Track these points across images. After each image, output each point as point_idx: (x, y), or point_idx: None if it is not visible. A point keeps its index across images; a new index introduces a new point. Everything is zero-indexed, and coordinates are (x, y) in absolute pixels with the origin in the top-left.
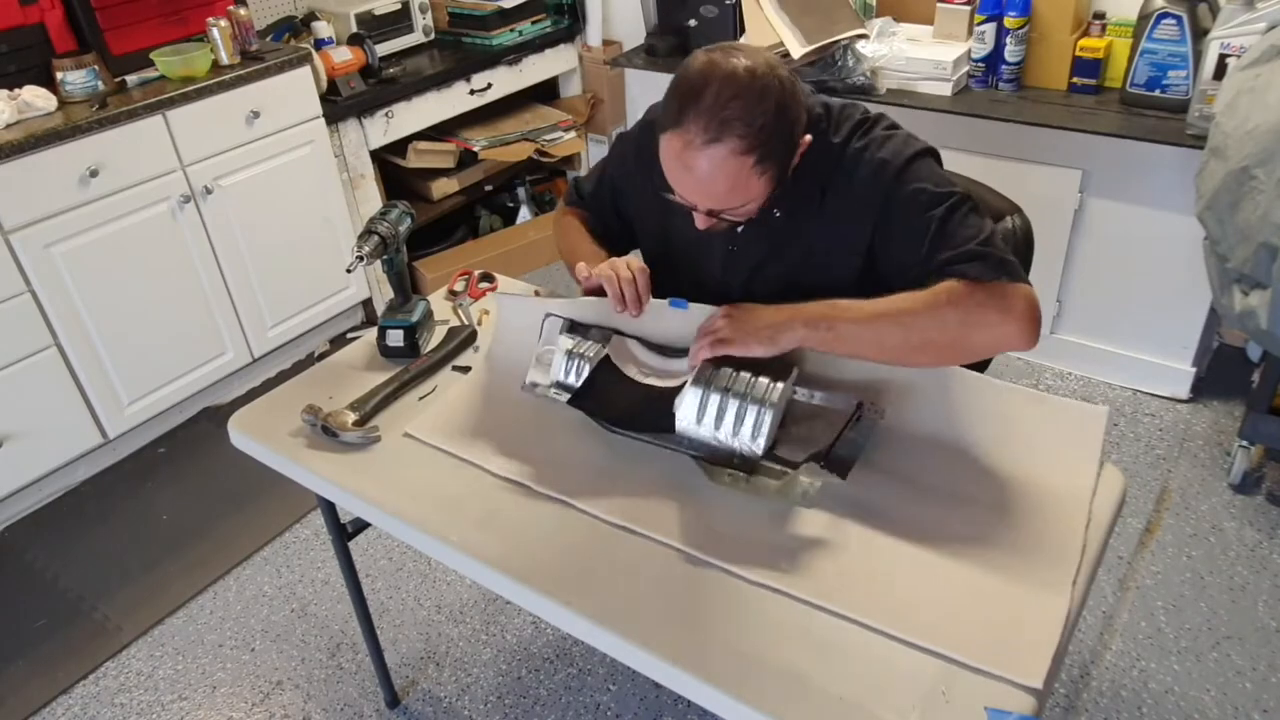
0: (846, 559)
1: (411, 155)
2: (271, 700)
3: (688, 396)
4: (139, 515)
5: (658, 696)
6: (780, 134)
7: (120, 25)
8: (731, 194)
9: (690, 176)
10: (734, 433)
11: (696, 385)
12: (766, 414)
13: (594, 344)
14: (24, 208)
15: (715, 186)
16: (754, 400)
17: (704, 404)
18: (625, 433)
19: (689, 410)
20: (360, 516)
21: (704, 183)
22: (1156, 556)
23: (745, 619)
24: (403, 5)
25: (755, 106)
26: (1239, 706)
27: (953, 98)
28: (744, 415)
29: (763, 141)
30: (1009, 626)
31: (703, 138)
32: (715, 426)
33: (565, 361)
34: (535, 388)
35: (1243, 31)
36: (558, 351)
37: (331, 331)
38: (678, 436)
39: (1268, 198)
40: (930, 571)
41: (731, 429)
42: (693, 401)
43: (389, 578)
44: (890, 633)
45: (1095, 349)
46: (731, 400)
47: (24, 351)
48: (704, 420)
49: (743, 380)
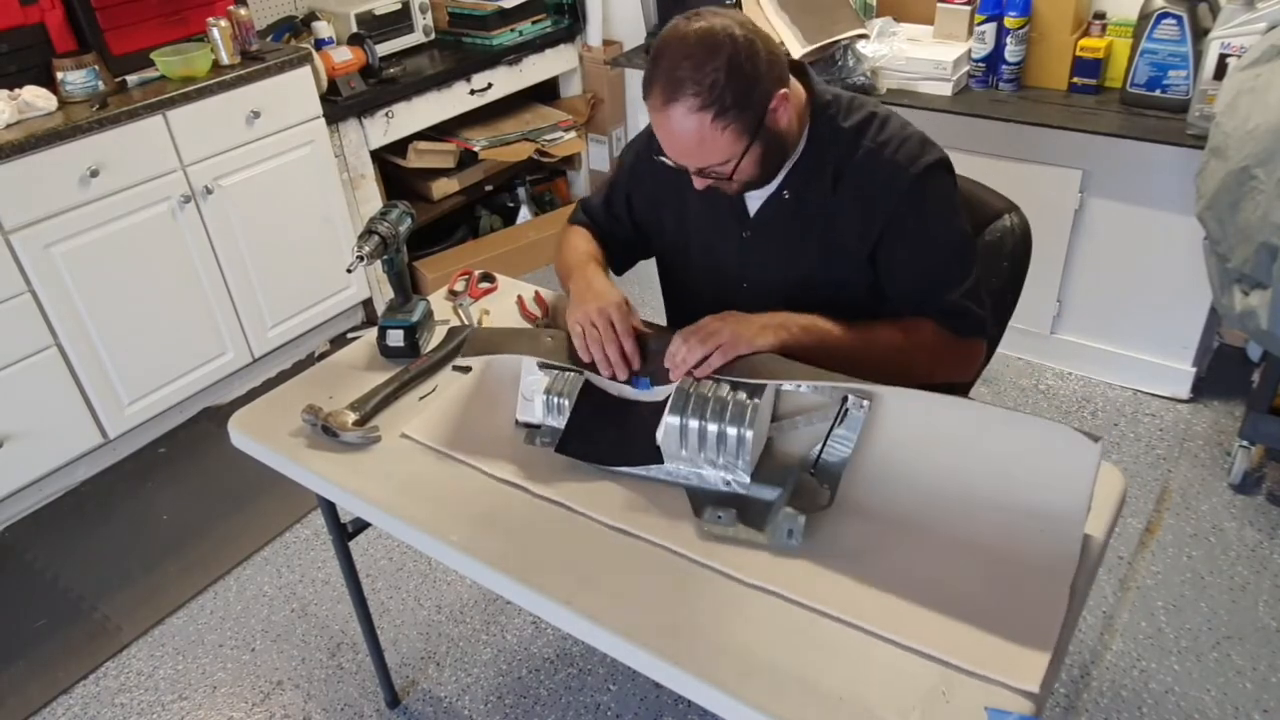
0: (844, 563)
1: (412, 155)
2: (272, 700)
3: (666, 421)
4: (139, 515)
5: (658, 696)
6: (735, 89)
7: (120, 25)
8: (701, 149)
9: (665, 138)
10: (717, 456)
11: (673, 413)
12: (747, 434)
13: (572, 376)
14: (24, 208)
15: (685, 143)
16: (731, 423)
17: (684, 430)
18: (618, 470)
19: (671, 443)
20: (360, 516)
21: (676, 141)
22: (1156, 556)
23: (746, 619)
24: (403, 5)
25: (705, 65)
26: (1239, 706)
27: (953, 98)
28: (725, 438)
29: (716, 97)
30: (1005, 630)
31: (661, 99)
32: (698, 450)
33: (544, 400)
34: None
35: (1243, 31)
36: (537, 391)
37: (331, 331)
38: (669, 469)
39: (1268, 198)
40: (926, 575)
41: (716, 450)
42: (674, 434)
43: (389, 578)
44: (888, 636)
45: (1095, 349)
46: (710, 425)
47: (24, 351)
48: (687, 445)
49: (720, 400)
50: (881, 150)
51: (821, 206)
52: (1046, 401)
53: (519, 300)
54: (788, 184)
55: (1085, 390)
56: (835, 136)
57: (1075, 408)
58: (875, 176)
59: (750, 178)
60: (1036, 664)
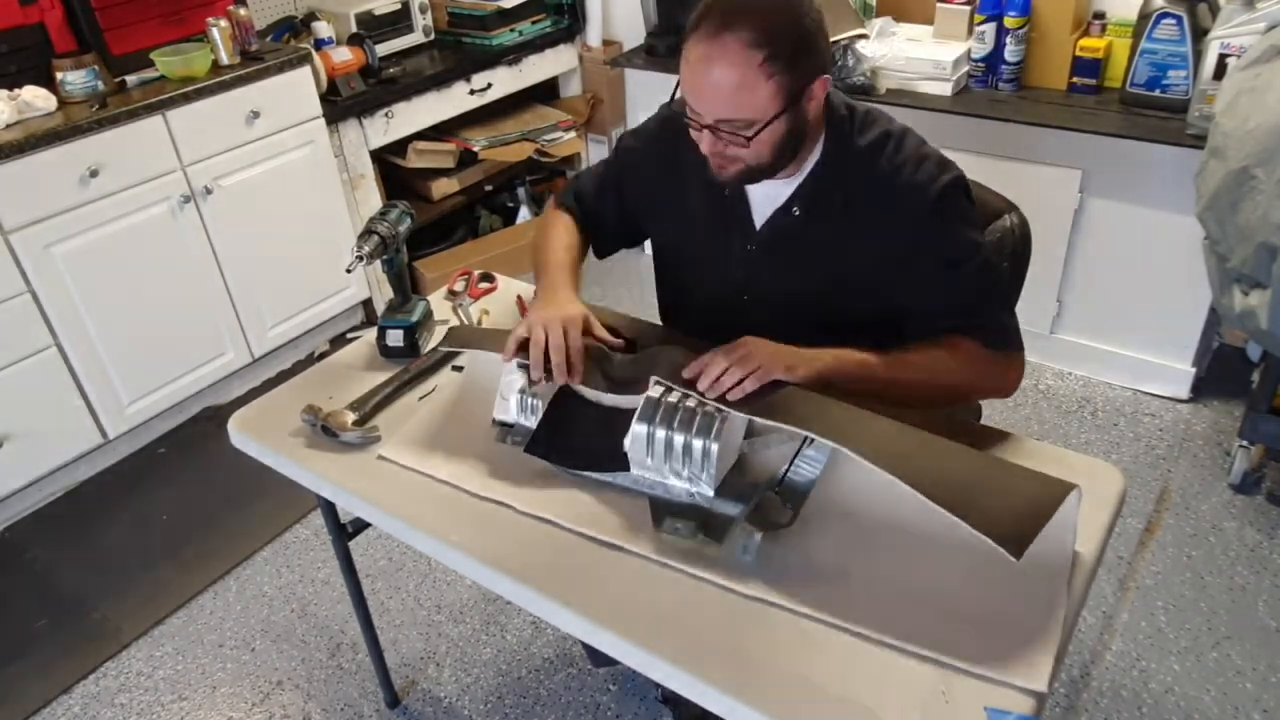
0: (840, 569)
1: (411, 155)
2: (271, 700)
3: (634, 436)
4: (139, 515)
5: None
6: (793, 43)
7: (120, 25)
8: (736, 96)
9: (699, 75)
10: (683, 467)
11: (641, 421)
12: (712, 446)
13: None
14: (24, 208)
15: (722, 83)
16: (698, 435)
17: (651, 442)
18: (585, 474)
19: (639, 451)
20: (360, 516)
21: (713, 80)
22: (1156, 556)
23: (745, 619)
24: (403, 5)
25: (774, 7)
26: (1239, 706)
27: (953, 98)
28: (690, 452)
29: (773, 39)
30: (1007, 630)
31: (716, 25)
32: (664, 459)
33: (518, 399)
34: (501, 427)
35: (1243, 31)
36: (512, 390)
37: (331, 331)
38: (634, 476)
39: (1268, 198)
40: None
41: (681, 461)
42: (641, 442)
43: (389, 578)
44: (890, 642)
45: (1095, 349)
46: (677, 435)
47: (24, 351)
48: (654, 457)
49: (689, 411)
50: (899, 173)
51: (833, 229)
52: (1046, 401)
53: (519, 300)
54: (798, 200)
55: (1085, 390)
56: (849, 156)
57: (1075, 408)
58: (894, 201)
59: (759, 159)
60: (1042, 663)
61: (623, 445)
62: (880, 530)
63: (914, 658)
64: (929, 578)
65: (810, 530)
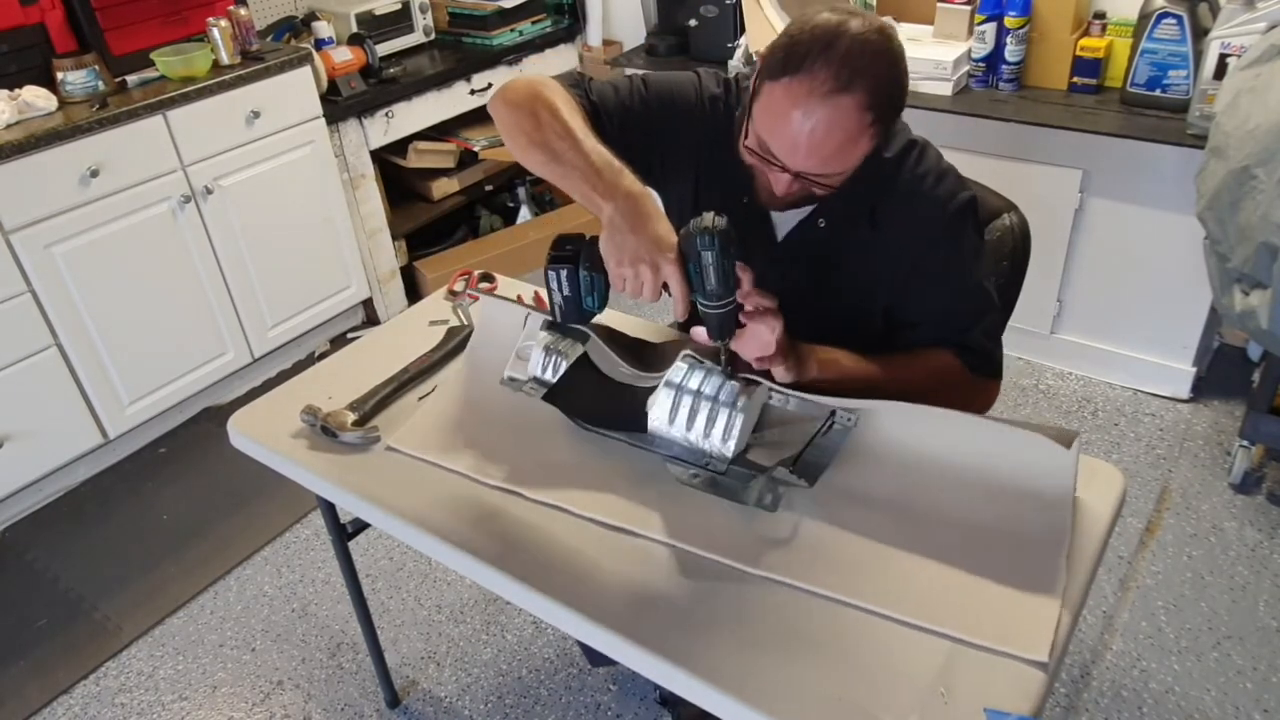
0: (842, 548)
1: (412, 155)
2: (272, 700)
3: (660, 397)
4: (139, 515)
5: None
6: (896, 97)
7: (120, 25)
8: (840, 153)
9: (801, 127)
10: (705, 435)
11: (669, 387)
12: (738, 418)
13: (573, 342)
14: (24, 208)
15: (829, 140)
16: (725, 404)
17: (676, 405)
18: (598, 430)
19: (661, 411)
20: (360, 516)
21: (816, 135)
22: (1157, 556)
23: (745, 620)
24: (403, 5)
25: (885, 64)
26: (1239, 706)
27: (953, 97)
28: (715, 418)
29: (882, 102)
30: (1008, 606)
31: (830, 84)
32: (687, 428)
33: (543, 357)
34: (512, 382)
35: (1243, 31)
36: (536, 347)
37: (331, 331)
38: (649, 436)
39: (1268, 197)
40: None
41: (703, 431)
42: (665, 402)
43: (389, 578)
44: (893, 615)
45: (1095, 349)
46: (704, 403)
47: (24, 351)
48: (676, 421)
49: (714, 384)
50: (920, 183)
51: (858, 243)
52: (1046, 401)
53: (519, 300)
54: (824, 212)
55: (1085, 390)
56: (877, 167)
57: (1075, 407)
58: (913, 210)
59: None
60: (1043, 633)
61: (640, 413)
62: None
63: (913, 655)
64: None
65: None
